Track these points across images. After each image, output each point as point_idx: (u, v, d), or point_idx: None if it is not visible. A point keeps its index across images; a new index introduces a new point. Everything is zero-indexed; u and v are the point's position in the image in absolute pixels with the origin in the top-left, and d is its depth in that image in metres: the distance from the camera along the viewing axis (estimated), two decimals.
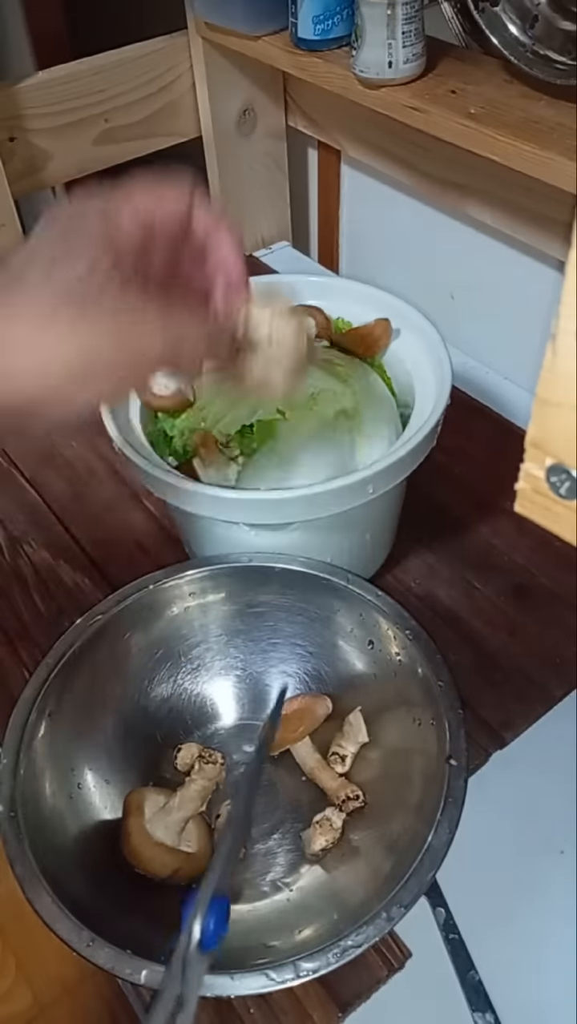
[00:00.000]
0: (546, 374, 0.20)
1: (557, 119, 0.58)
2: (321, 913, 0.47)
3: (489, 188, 0.76)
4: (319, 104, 0.93)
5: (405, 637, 0.53)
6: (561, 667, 0.61)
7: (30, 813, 0.47)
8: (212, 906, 0.38)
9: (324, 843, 0.50)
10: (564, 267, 0.20)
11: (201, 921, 0.37)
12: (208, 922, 0.37)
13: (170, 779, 0.55)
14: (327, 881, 0.50)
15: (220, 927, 0.37)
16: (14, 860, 0.44)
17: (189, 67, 0.90)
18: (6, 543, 0.72)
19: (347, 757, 0.54)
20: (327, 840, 0.50)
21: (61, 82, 0.83)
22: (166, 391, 0.59)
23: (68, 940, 0.42)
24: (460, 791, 0.46)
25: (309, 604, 0.57)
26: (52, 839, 0.48)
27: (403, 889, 0.43)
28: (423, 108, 0.63)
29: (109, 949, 0.41)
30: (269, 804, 0.55)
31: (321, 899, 0.48)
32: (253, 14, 0.75)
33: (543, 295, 0.80)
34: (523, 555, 0.68)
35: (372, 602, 0.54)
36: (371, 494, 0.52)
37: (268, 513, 0.52)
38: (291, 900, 0.50)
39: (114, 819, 0.52)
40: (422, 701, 0.51)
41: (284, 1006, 0.47)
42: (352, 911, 0.44)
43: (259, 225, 1.04)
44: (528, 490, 0.22)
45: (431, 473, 0.55)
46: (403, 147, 0.83)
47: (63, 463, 0.79)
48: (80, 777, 0.52)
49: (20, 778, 0.48)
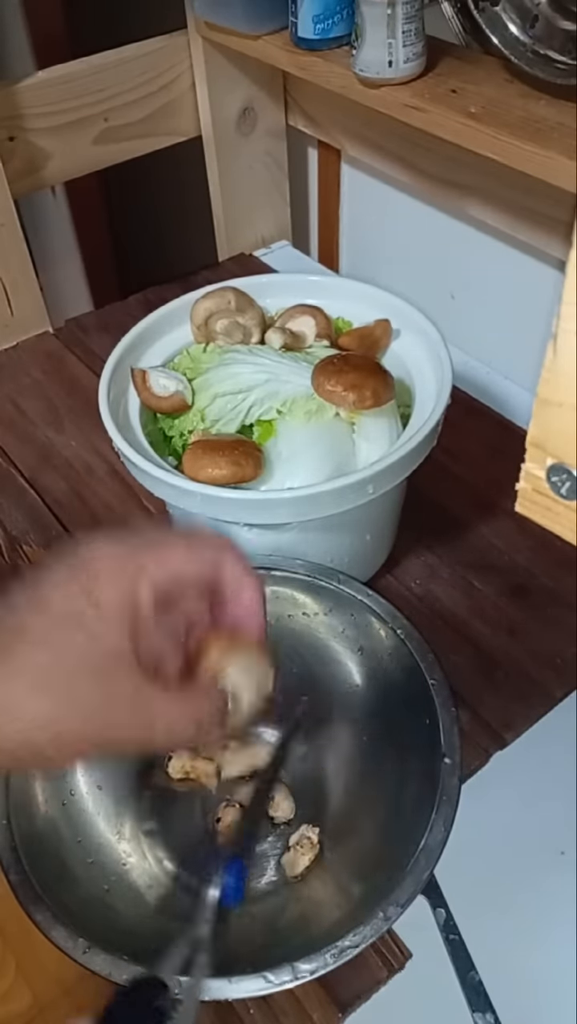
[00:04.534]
0: (547, 374, 0.20)
1: (557, 119, 0.58)
2: (318, 914, 0.47)
3: (489, 188, 0.76)
4: (319, 103, 0.92)
5: (397, 636, 0.52)
6: (561, 667, 0.61)
7: (23, 821, 0.47)
8: (230, 865, 0.41)
9: (306, 862, 0.50)
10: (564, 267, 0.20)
11: (221, 878, 0.41)
12: (228, 880, 0.41)
13: (162, 786, 0.55)
14: (323, 882, 0.50)
15: (239, 884, 0.41)
16: (8, 868, 0.44)
17: (189, 67, 0.90)
18: (6, 543, 0.72)
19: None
20: (309, 859, 0.50)
21: (61, 82, 0.83)
22: (165, 392, 0.59)
23: (64, 947, 0.42)
24: (454, 789, 0.46)
25: (300, 605, 0.56)
26: (46, 846, 0.48)
27: (399, 888, 0.43)
28: (423, 107, 0.62)
29: (105, 955, 0.41)
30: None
31: (317, 900, 0.48)
32: (253, 14, 0.75)
33: (543, 295, 0.80)
34: (523, 555, 0.68)
35: (363, 602, 0.54)
36: (371, 494, 0.52)
37: (267, 513, 0.52)
38: (287, 901, 0.50)
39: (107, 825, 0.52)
40: (415, 700, 0.51)
41: (284, 1007, 0.47)
42: (349, 912, 0.44)
43: (259, 225, 1.04)
44: (529, 490, 0.22)
45: (431, 473, 0.55)
46: (403, 146, 0.83)
47: (63, 463, 0.79)
48: (72, 784, 0.52)
49: (12, 786, 0.47)
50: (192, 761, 0.55)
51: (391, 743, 0.53)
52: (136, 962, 0.41)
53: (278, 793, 0.54)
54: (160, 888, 0.50)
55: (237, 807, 0.54)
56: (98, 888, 0.48)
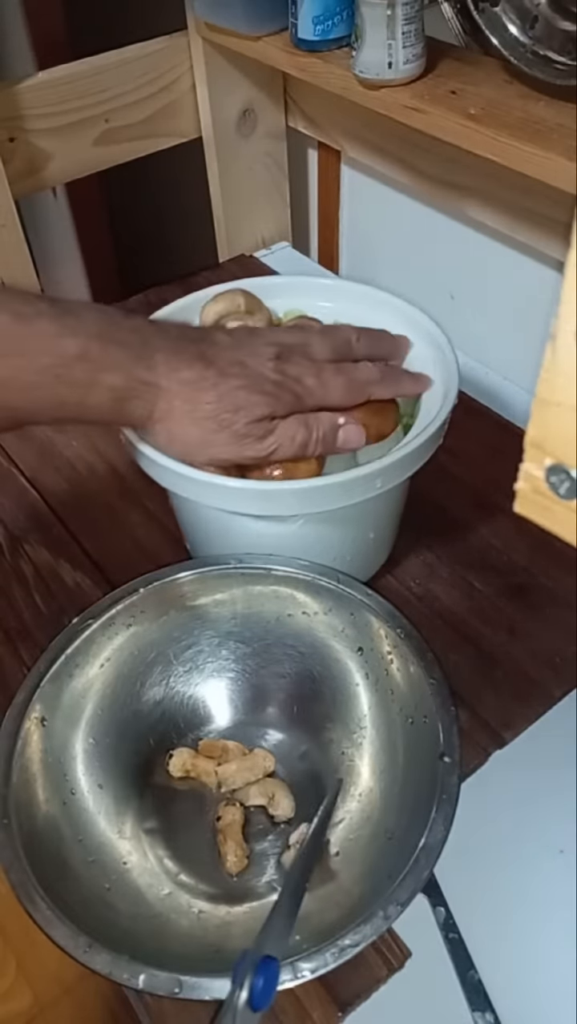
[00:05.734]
0: (546, 374, 0.20)
1: (557, 119, 0.58)
2: (318, 913, 0.47)
3: (489, 188, 0.76)
4: (319, 105, 0.93)
5: (396, 635, 0.53)
6: (560, 666, 0.61)
7: (24, 820, 0.47)
8: (262, 966, 0.38)
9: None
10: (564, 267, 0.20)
11: (251, 980, 0.37)
12: (257, 981, 0.37)
13: (163, 784, 0.55)
14: (323, 881, 0.50)
15: (269, 987, 0.38)
16: (9, 867, 0.44)
17: (189, 67, 0.90)
18: (6, 543, 0.72)
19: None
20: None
21: (61, 82, 0.83)
22: None
23: (64, 946, 0.42)
24: (454, 788, 0.46)
25: (300, 604, 0.57)
26: (46, 845, 0.48)
27: (399, 887, 0.43)
28: (423, 109, 0.63)
29: (106, 954, 0.41)
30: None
31: (317, 899, 0.48)
32: (253, 15, 0.75)
33: (543, 295, 0.80)
34: (523, 555, 0.68)
35: (363, 601, 0.54)
36: (379, 488, 0.52)
37: (275, 504, 0.52)
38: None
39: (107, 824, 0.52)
40: (414, 699, 0.51)
41: (284, 1005, 0.47)
42: (349, 910, 0.44)
43: (259, 225, 1.04)
44: (528, 490, 0.22)
45: (431, 473, 0.56)
46: (403, 147, 0.83)
47: (63, 463, 0.79)
48: (73, 783, 0.52)
49: (13, 785, 0.48)
50: (193, 759, 0.55)
51: (391, 742, 0.53)
52: (137, 961, 0.41)
53: (278, 791, 0.54)
54: (161, 887, 0.50)
55: (238, 805, 0.54)
56: (99, 887, 0.48)
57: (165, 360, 0.48)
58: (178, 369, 0.49)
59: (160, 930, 0.47)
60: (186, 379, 0.49)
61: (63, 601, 0.67)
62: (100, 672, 0.55)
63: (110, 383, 0.47)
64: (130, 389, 0.48)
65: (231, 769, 0.54)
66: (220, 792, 0.55)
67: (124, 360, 0.47)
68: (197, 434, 0.50)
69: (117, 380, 0.47)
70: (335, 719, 0.56)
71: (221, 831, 0.53)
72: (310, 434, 0.52)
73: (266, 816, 0.54)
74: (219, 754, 0.56)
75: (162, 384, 0.48)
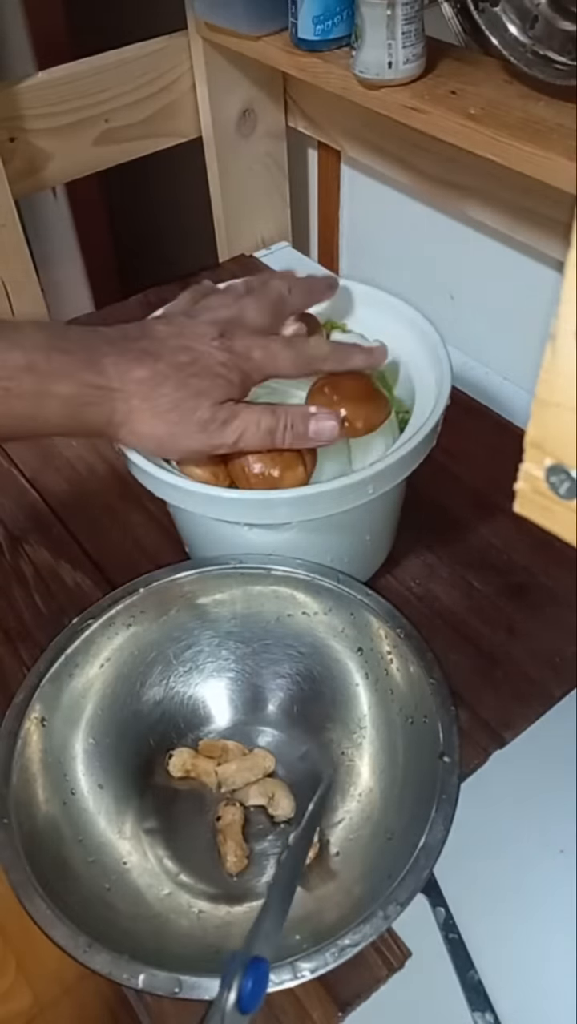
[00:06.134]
0: (545, 374, 0.20)
1: (557, 119, 0.58)
2: (318, 913, 0.47)
3: (489, 188, 0.76)
4: (319, 104, 0.93)
5: (396, 635, 0.53)
6: (560, 666, 0.61)
7: (24, 820, 0.47)
8: (251, 967, 0.37)
9: (306, 861, 0.50)
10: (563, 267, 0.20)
11: (239, 981, 0.37)
12: (246, 983, 0.37)
13: (163, 784, 0.55)
14: (323, 881, 0.50)
15: (258, 989, 0.37)
16: (9, 867, 0.44)
17: (189, 67, 0.90)
18: (6, 543, 0.72)
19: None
20: (309, 857, 0.50)
21: (61, 82, 0.83)
22: None
23: (64, 946, 0.42)
24: (453, 788, 0.46)
25: (300, 604, 0.57)
26: (47, 845, 0.48)
27: (399, 887, 0.43)
28: (423, 108, 0.63)
29: (106, 954, 0.41)
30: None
31: (317, 899, 0.48)
32: (253, 14, 0.75)
33: (543, 295, 0.80)
34: (523, 555, 0.68)
35: (363, 601, 0.54)
36: (371, 494, 0.52)
37: (268, 513, 0.52)
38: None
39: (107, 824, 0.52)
40: (414, 699, 0.51)
41: (284, 1005, 0.47)
42: (349, 910, 0.44)
43: (259, 225, 1.04)
44: (527, 490, 0.22)
45: (431, 473, 0.56)
46: (403, 147, 0.83)
47: (63, 463, 0.79)
48: (73, 783, 0.52)
49: (13, 785, 0.48)
50: (193, 759, 0.55)
51: (391, 742, 0.53)
52: (137, 961, 0.41)
53: (278, 791, 0.54)
54: (161, 887, 0.50)
55: (237, 805, 0.54)
56: (99, 887, 0.48)
57: (114, 363, 0.48)
58: (129, 369, 0.48)
59: (160, 930, 0.47)
60: (139, 377, 0.48)
61: (63, 601, 0.67)
62: (100, 672, 0.55)
63: (60, 392, 0.47)
64: (82, 396, 0.47)
65: (231, 769, 0.54)
66: (220, 792, 0.55)
67: (72, 368, 0.47)
68: (163, 428, 0.49)
69: (67, 388, 0.47)
70: (335, 719, 0.56)
71: (221, 831, 0.53)
72: (277, 421, 0.50)
73: (266, 816, 0.54)
74: (219, 754, 0.56)
75: (115, 386, 0.48)
